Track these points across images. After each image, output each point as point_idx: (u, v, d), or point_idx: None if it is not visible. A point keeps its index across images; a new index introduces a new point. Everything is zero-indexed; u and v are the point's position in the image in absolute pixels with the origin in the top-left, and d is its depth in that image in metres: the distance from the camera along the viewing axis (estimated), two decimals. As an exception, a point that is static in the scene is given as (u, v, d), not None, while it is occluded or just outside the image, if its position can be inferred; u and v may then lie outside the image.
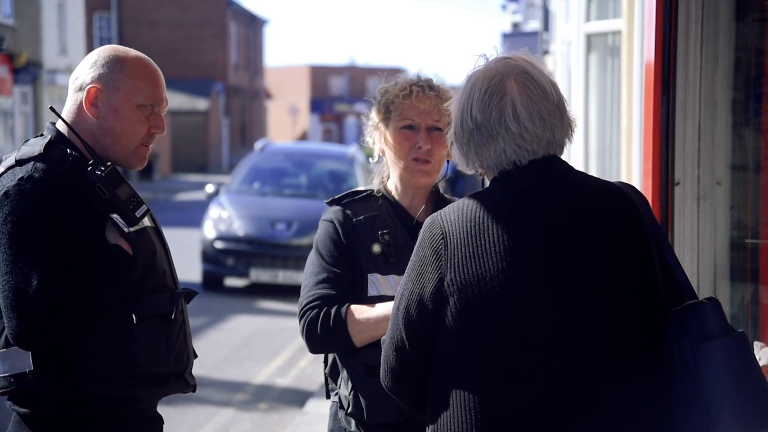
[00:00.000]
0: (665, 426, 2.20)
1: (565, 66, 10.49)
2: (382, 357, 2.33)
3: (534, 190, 2.21)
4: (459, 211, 2.21)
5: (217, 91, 48.25)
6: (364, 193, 2.99)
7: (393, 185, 2.99)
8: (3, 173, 2.57)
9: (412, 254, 2.26)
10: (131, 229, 2.59)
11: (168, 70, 48.20)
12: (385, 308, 2.76)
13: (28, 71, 27.73)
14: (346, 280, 2.87)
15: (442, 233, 2.19)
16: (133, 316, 2.57)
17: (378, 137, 2.97)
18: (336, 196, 3.00)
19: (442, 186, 3.06)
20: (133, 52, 2.73)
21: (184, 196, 31.36)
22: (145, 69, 2.69)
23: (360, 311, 2.78)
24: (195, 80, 46.82)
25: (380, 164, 3.03)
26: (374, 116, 2.97)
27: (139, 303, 2.59)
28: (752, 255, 3.50)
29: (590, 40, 8.93)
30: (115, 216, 2.57)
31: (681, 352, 2.21)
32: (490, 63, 2.29)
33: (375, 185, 3.02)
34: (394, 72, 3.09)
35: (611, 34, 8.68)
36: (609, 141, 8.77)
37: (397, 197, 2.97)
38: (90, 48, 37.85)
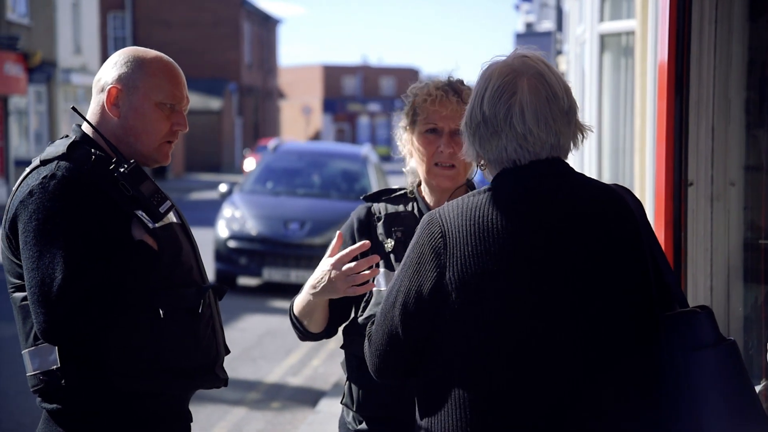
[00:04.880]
0: (655, 430, 2.21)
1: (579, 66, 10.48)
2: (371, 349, 2.35)
3: (534, 192, 2.21)
4: (459, 209, 2.22)
5: (231, 91, 48.34)
6: (400, 192, 3.03)
7: (422, 186, 3.02)
8: (29, 173, 2.61)
9: (408, 250, 2.27)
10: (156, 225, 2.62)
11: (182, 69, 48.19)
12: (305, 286, 2.85)
13: (42, 70, 27.84)
14: None
15: (441, 231, 2.20)
16: (160, 310, 2.60)
17: (406, 139, 2.99)
18: (371, 193, 3.07)
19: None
20: (153, 52, 2.76)
21: (197, 196, 31.44)
22: (164, 68, 2.72)
23: (296, 299, 2.92)
24: (208, 80, 46.93)
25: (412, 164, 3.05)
26: (403, 119, 3.00)
27: (165, 298, 2.62)
28: (766, 256, 3.49)
29: (604, 40, 8.92)
30: (139, 212, 2.61)
31: (671, 358, 2.23)
32: (508, 58, 2.29)
33: (409, 185, 3.05)
34: (407, 72, 3.11)
35: (625, 35, 8.67)
36: (622, 141, 8.76)
37: (426, 198, 3.00)
38: (104, 47, 38.01)
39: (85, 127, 2.72)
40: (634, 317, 2.21)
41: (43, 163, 2.61)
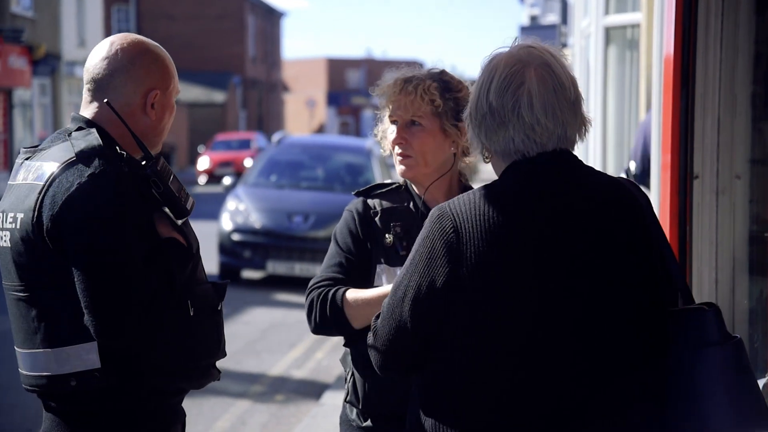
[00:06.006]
0: (658, 426, 2.21)
1: (584, 59, 10.46)
2: (377, 344, 2.32)
3: (547, 185, 2.20)
4: (471, 203, 2.20)
5: (235, 84, 48.33)
6: (391, 186, 3.03)
7: None
8: (64, 169, 2.49)
9: (418, 245, 2.25)
10: (180, 222, 2.61)
11: (186, 62, 48.55)
12: (382, 290, 2.79)
13: (46, 63, 27.86)
14: (357, 268, 2.92)
15: (454, 226, 2.18)
16: (190, 307, 2.57)
17: (382, 132, 3.02)
18: (363, 188, 3.05)
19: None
20: (156, 44, 2.75)
21: (201, 189, 31.45)
22: (173, 64, 2.74)
23: (357, 293, 2.83)
24: (212, 73, 46.92)
25: None
26: (380, 111, 3.03)
27: (193, 295, 2.60)
28: (771, 249, 3.48)
29: (609, 33, 8.90)
30: (165, 209, 2.58)
31: (677, 355, 2.22)
32: (513, 49, 2.27)
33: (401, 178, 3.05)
34: (410, 65, 3.10)
35: (630, 27, 8.65)
36: (627, 134, 8.74)
37: (416, 190, 2.99)
38: (108, 40, 37.92)
39: (98, 118, 2.64)
40: (641, 314, 2.20)
41: (80, 158, 2.50)
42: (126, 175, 2.50)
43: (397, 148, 2.93)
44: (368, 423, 2.91)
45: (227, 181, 14.34)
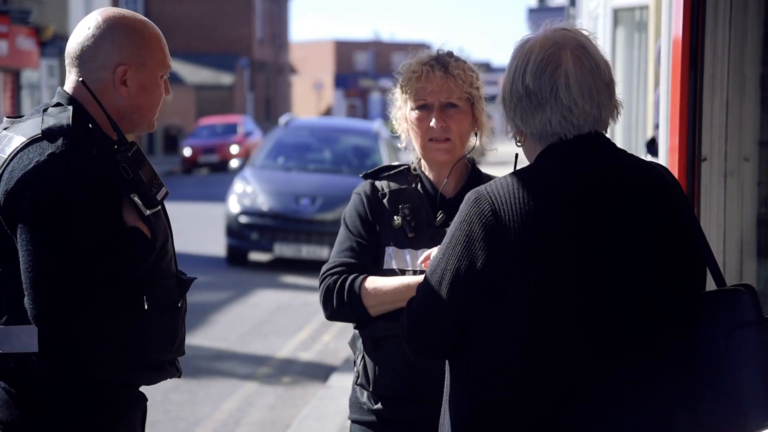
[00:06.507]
0: (696, 412, 2.20)
1: (592, 41, 10.40)
2: (413, 329, 2.30)
3: (583, 168, 2.20)
4: (509, 187, 2.19)
5: (242, 66, 48.28)
6: (400, 168, 3.02)
7: (422, 161, 3.01)
8: (27, 145, 2.43)
9: (454, 228, 2.23)
10: (149, 212, 2.51)
11: (193, 44, 48.51)
12: (400, 280, 2.78)
13: (54, 44, 27.83)
14: (369, 251, 2.91)
15: (492, 209, 2.17)
16: (145, 302, 2.51)
17: (401, 118, 2.99)
18: (370, 171, 3.04)
19: (475, 159, 3.06)
20: (139, 17, 2.63)
21: (208, 170, 31.45)
22: (160, 38, 2.62)
23: (376, 282, 2.82)
24: (220, 55, 46.85)
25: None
26: (397, 96, 3.00)
27: (151, 289, 2.52)
28: (779, 232, 3.47)
29: (617, 14, 8.86)
30: (134, 197, 2.49)
31: (711, 337, 2.19)
32: (547, 32, 2.27)
33: (411, 160, 3.04)
34: (419, 47, 3.08)
35: (638, 9, 8.60)
36: (635, 116, 8.71)
37: (427, 173, 2.98)
38: (116, 22, 37.88)
39: (81, 97, 2.55)
40: (677, 295, 2.20)
41: (46, 135, 2.43)
42: (91, 158, 2.42)
43: (433, 131, 2.89)
44: (379, 406, 2.90)
45: (234, 163, 14.35)
